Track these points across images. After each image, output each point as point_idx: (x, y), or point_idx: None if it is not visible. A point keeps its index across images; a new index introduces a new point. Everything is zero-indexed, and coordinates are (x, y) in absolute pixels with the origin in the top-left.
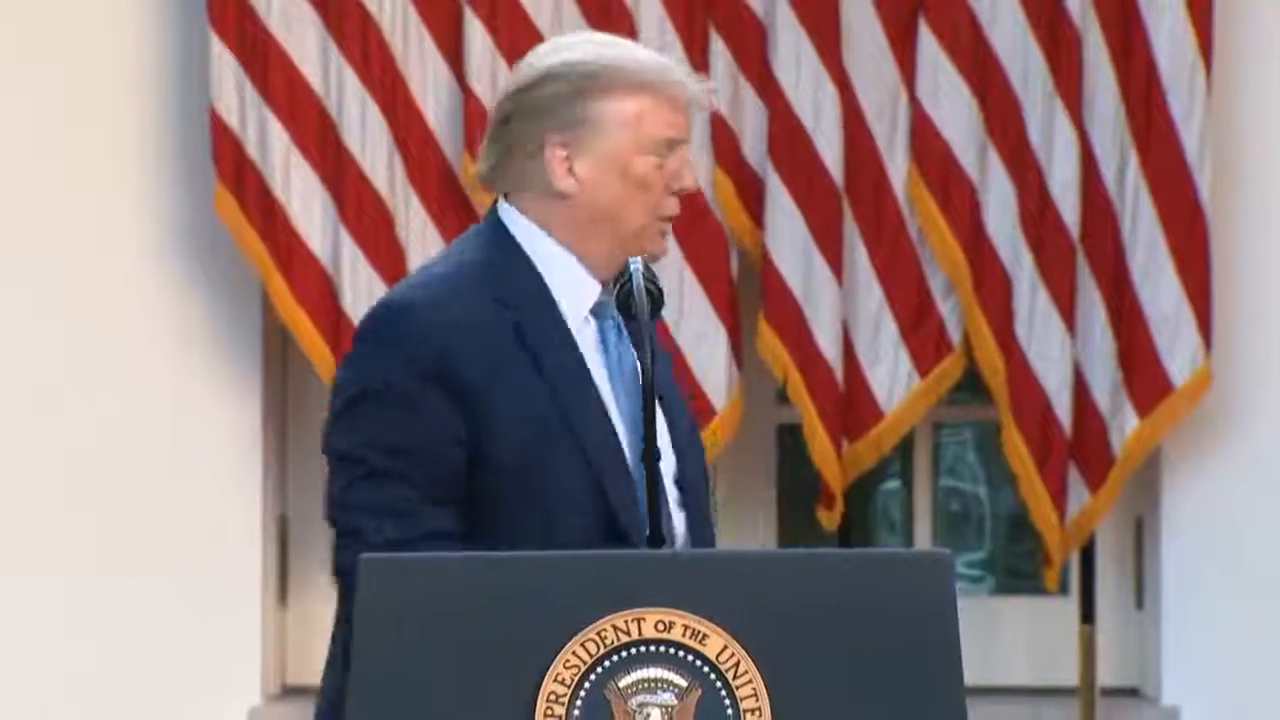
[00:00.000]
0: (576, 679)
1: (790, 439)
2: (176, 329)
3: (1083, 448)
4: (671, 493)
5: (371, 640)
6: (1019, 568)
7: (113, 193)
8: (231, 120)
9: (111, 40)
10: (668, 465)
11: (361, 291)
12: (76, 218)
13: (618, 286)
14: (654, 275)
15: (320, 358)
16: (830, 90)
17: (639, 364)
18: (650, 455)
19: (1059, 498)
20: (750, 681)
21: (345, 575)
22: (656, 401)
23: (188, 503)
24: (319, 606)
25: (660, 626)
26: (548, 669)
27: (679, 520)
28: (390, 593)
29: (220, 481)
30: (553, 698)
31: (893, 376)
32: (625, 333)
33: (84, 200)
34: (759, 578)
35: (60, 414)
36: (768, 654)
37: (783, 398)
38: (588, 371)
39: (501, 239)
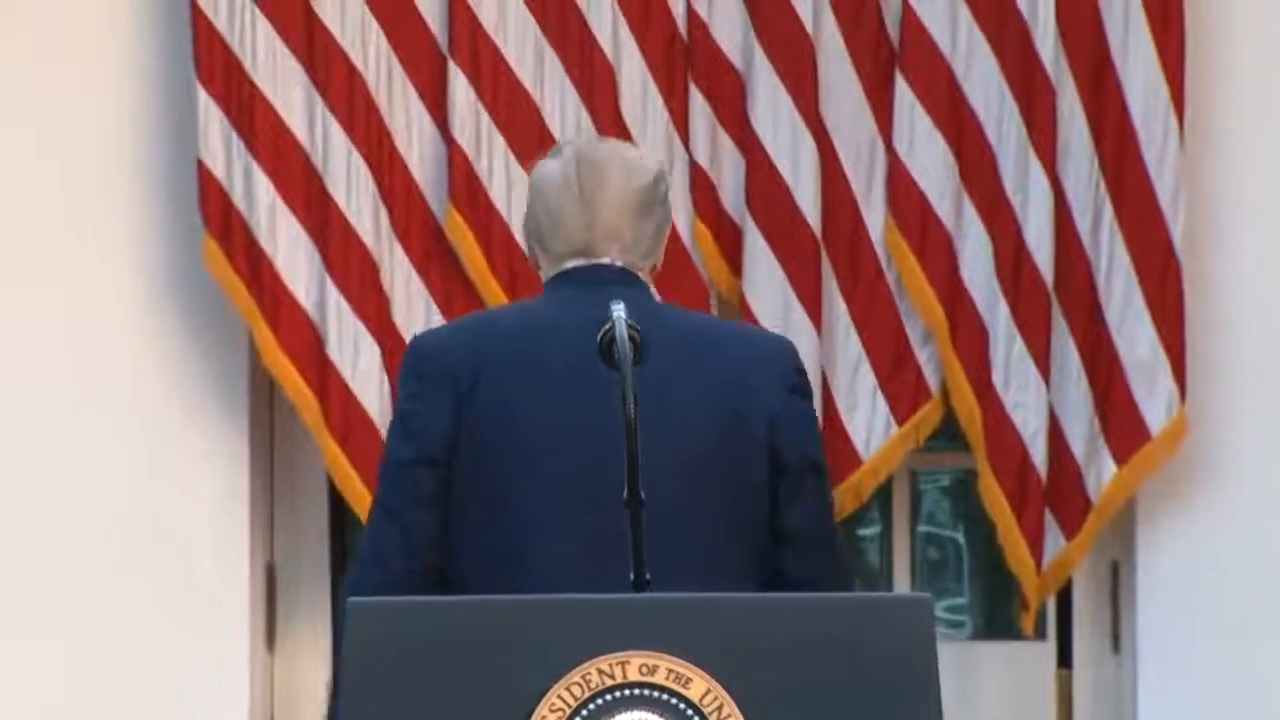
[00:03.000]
0: None
1: None
2: (164, 378)
3: (1059, 494)
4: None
5: (360, 683)
6: (997, 613)
7: (100, 244)
8: (218, 172)
9: (101, 93)
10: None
11: (348, 341)
12: (63, 268)
13: (600, 333)
14: (635, 322)
15: (306, 406)
16: (808, 141)
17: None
18: (635, 500)
19: (1035, 544)
20: None
21: None
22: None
23: (174, 551)
24: (306, 654)
25: (644, 670)
26: (533, 713)
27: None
28: (378, 636)
29: (208, 529)
30: None
31: (871, 424)
32: None
33: (71, 250)
34: (741, 621)
35: (45, 463)
36: (750, 697)
37: None
38: None
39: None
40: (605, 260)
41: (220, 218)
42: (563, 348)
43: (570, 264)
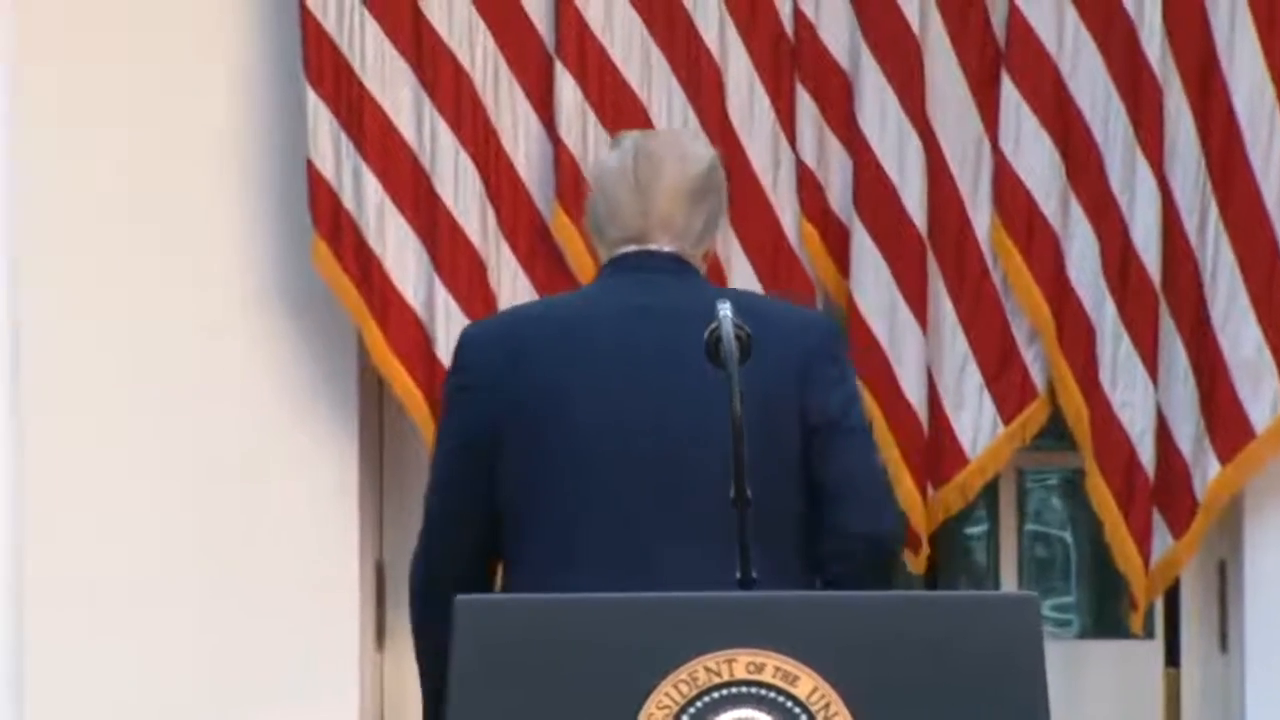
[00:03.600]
0: (669, 719)
1: None
2: (274, 378)
3: (1166, 493)
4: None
5: (467, 681)
6: (1104, 611)
7: (211, 245)
8: (328, 172)
9: (212, 94)
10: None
11: (455, 339)
12: (175, 268)
13: (707, 332)
14: (742, 320)
15: (415, 405)
16: (914, 140)
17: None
18: (741, 499)
19: (1143, 542)
20: None
21: None
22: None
23: (285, 549)
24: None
25: (751, 668)
26: (640, 710)
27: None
28: (484, 633)
29: (318, 527)
30: None
31: (977, 423)
32: None
33: (182, 251)
34: (848, 619)
35: (158, 465)
36: (858, 695)
37: None
38: None
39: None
40: (656, 246)
41: (329, 218)
42: (608, 331)
43: (623, 250)
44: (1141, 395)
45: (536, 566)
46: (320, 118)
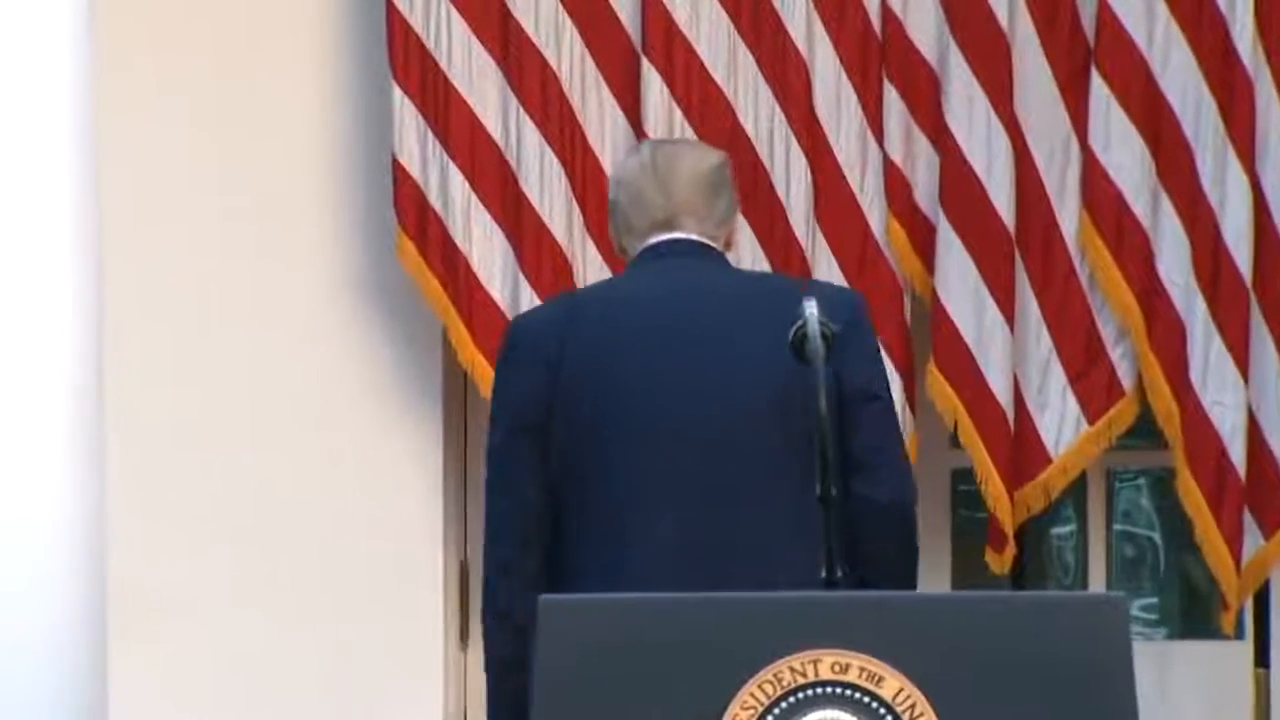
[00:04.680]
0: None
1: (962, 483)
2: (359, 376)
3: (1258, 493)
4: None
5: (552, 680)
6: (1193, 612)
7: (297, 243)
8: (414, 170)
9: (299, 91)
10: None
11: None
12: (260, 271)
13: (793, 329)
14: (827, 319)
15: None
16: (1002, 138)
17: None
18: (827, 498)
19: (1234, 542)
20: None
21: None
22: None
23: (370, 548)
24: None
25: (836, 668)
26: (725, 711)
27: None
28: (568, 634)
29: (402, 527)
30: None
31: (1060, 422)
32: None
33: (267, 253)
34: (934, 620)
35: (243, 465)
36: (943, 696)
37: (955, 442)
38: None
39: None
40: (683, 234)
41: (416, 216)
42: (649, 311)
43: (654, 239)
44: (1233, 394)
45: (587, 540)
46: (406, 115)
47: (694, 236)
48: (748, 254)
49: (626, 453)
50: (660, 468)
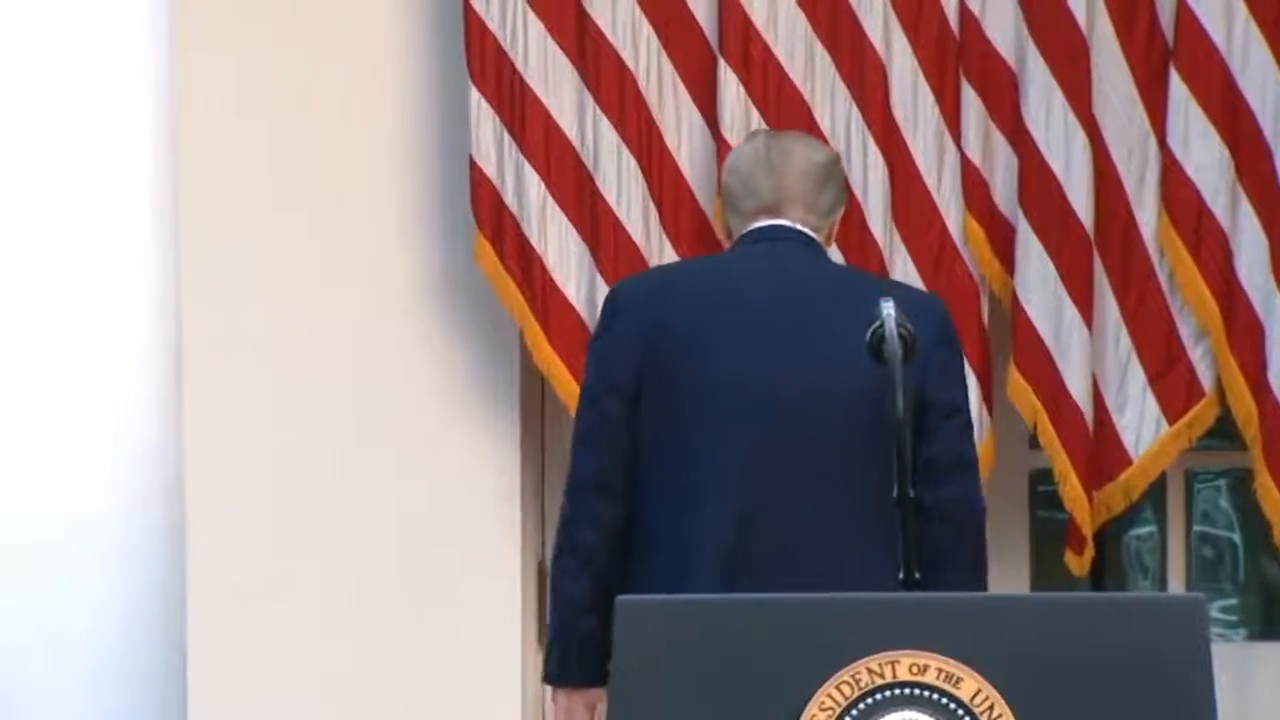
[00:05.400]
0: None
1: (1042, 484)
2: (436, 377)
3: None
4: None
5: (630, 679)
6: (1273, 613)
7: (374, 243)
8: (491, 171)
9: (377, 91)
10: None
11: None
12: (336, 271)
13: (870, 330)
14: (905, 319)
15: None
16: (1080, 138)
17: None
18: (905, 499)
19: None
20: None
21: None
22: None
23: (448, 549)
24: None
25: (914, 669)
26: (803, 711)
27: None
28: (647, 634)
29: (480, 528)
30: None
31: (1140, 422)
32: None
33: (344, 253)
34: (1011, 621)
35: (320, 466)
36: (1021, 697)
37: (1034, 443)
38: None
39: None
40: (787, 221)
41: (492, 217)
42: (743, 291)
43: (758, 223)
44: None
45: (664, 507)
46: (483, 116)
47: (797, 225)
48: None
49: (710, 425)
50: (740, 442)
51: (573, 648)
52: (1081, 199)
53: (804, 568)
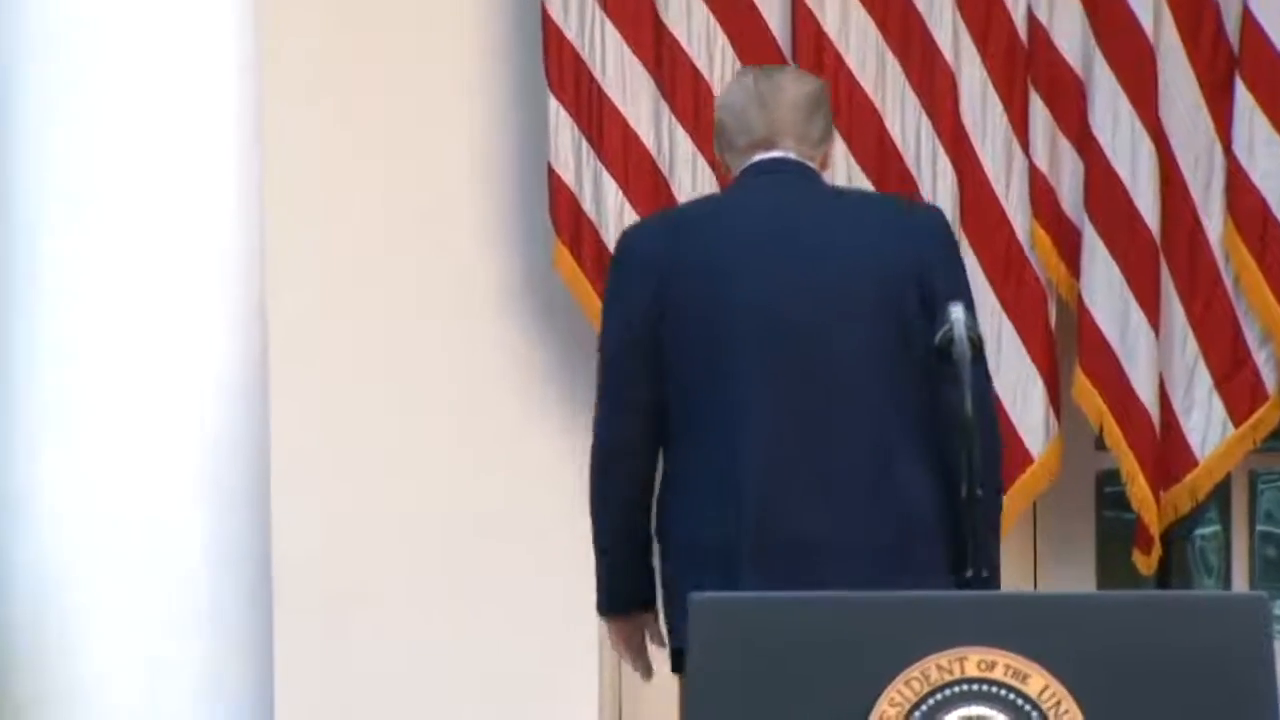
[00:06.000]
0: (902, 716)
1: (1109, 485)
2: (513, 379)
3: None
4: None
5: (704, 677)
6: None
7: (453, 247)
8: (569, 178)
9: (456, 98)
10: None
11: None
12: (420, 276)
13: (939, 332)
14: (974, 322)
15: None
16: (1146, 144)
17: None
18: (972, 499)
19: None
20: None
21: None
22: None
23: (524, 556)
24: (655, 655)
25: (982, 665)
26: (874, 707)
27: None
28: (719, 631)
29: (556, 534)
30: None
31: (1207, 424)
32: None
33: (425, 253)
34: (1077, 618)
35: (403, 469)
36: (1088, 692)
37: (1100, 444)
38: None
39: None
40: (782, 153)
41: (570, 223)
42: (753, 220)
43: (755, 157)
44: None
45: (698, 442)
46: (561, 124)
47: (792, 155)
48: None
49: (735, 351)
50: (765, 365)
51: (619, 580)
52: (1147, 205)
53: (843, 485)
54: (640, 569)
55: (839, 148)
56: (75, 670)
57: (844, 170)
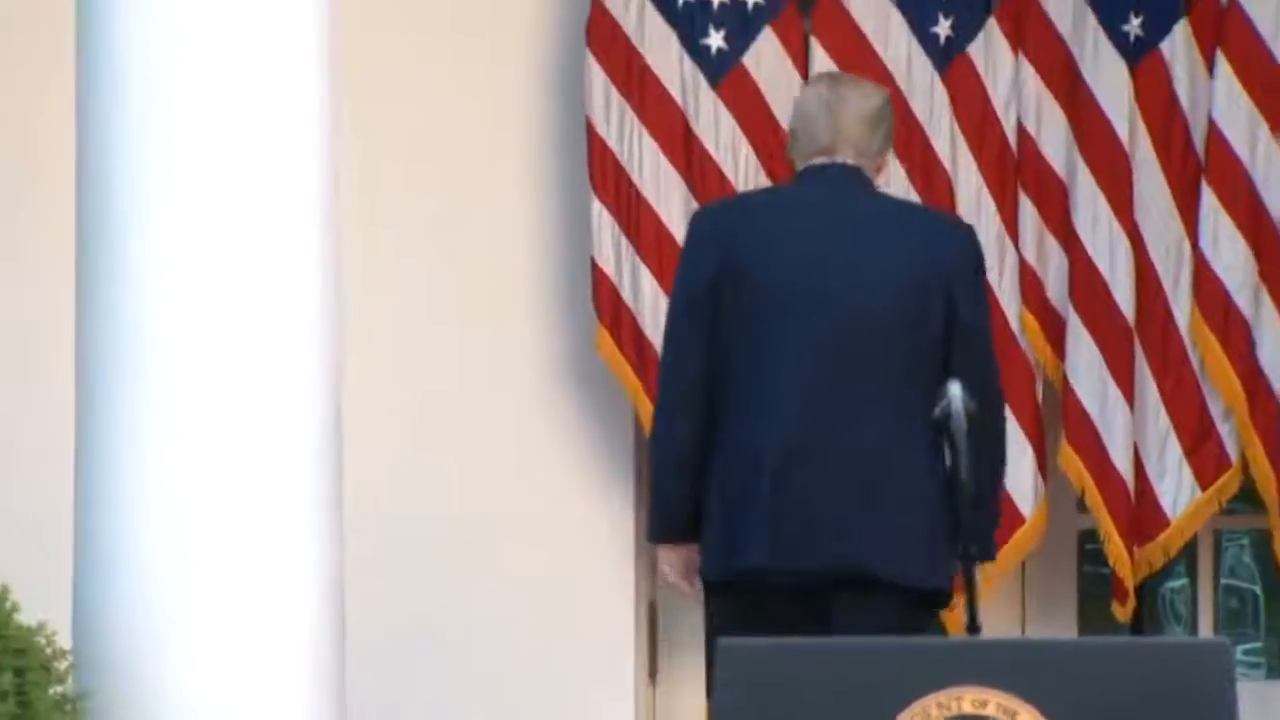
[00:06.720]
0: None
1: (1089, 542)
2: (562, 440)
3: None
4: None
5: (730, 714)
6: None
7: (508, 334)
8: (609, 270)
9: (509, 203)
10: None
11: None
12: (474, 358)
13: (936, 407)
14: (970, 397)
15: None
16: (1123, 242)
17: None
18: (968, 552)
19: None
20: None
21: None
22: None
23: (566, 588)
24: (686, 685)
25: (976, 704)
26: None
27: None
28: (744, 675)
29: (597, 573)
30: None
31: (1177, 489)
32: None
33: (481, 342)
34: (1061, 661)
35: (450, 512)
36: None
37: (1082, 507)
38: None
39: None
40: (841, 160)
41: (611, 310)
42: (807, 215)
43: (815, 161)
44: None
45: (732, 409)
46: (604, 223)
47: (849, 161)
48: None
49: (774, 323)
50: (799, 342)
51: (671, 512)
52: (1124, 295)
53: (854, 455)
54: (691, 502)
55: None
56: (158, 671)
57: None
